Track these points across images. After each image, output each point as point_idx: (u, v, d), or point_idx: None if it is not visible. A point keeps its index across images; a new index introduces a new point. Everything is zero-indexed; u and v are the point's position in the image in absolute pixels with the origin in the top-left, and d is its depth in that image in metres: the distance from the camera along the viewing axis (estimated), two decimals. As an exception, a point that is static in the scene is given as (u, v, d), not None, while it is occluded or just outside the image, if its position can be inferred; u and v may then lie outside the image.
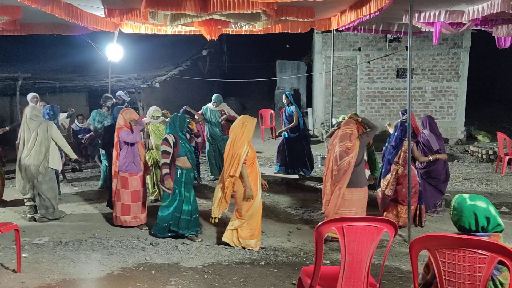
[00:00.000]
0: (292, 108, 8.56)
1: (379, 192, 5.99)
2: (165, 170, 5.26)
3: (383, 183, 5.93)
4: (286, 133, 8.71)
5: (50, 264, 4.66)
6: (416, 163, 6.08)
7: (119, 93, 9.20)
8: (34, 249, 5.10)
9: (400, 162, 5.78)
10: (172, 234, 5.49)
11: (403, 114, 6.27)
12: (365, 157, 5.48)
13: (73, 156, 6.58)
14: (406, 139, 5.57)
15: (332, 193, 5.20)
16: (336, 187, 5.18)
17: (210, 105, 8.37)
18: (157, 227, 5.51)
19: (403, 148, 5.77)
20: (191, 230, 5.48)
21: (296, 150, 8.63)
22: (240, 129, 5.07)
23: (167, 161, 5.26)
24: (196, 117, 8.14)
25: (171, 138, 5.33)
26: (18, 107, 11.77)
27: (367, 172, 5.56)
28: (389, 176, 5.84)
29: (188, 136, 5.72)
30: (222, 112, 8.30)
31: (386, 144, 6.31)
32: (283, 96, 8.77)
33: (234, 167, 4.97)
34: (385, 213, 5.92)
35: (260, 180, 5.23)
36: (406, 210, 5.72)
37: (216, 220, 5.25)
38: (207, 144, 8.52)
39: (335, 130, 5.73)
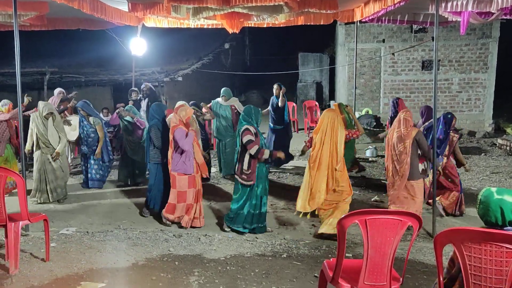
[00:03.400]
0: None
1: (427, 182, 6.14)
2: (255, 150, 5.12)
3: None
4: (271, 125, 8.77)
5: (78, 254, 4.79)
6: None
7: (144, 84, 9.34)
8: (62, 239, 5.25)
9: (447, 154, 6.04)
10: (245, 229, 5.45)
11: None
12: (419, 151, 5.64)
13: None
14: (451, 131, 5.94)
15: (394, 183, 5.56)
16: (398, 177, 5.51)
17: (219, 99, 8.07)
18: (227, 216, 5.57)
19: (449, 141, 5.99)
20: (257, 224, 5.44)
21: (280, 142, 8.53)
22: (332, 124, 5.25)
23: (256, 147, 5.13)
24: (204, 110, 7.79)
25: (252, 129, 5.26)
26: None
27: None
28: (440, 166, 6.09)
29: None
30: (232, 107, 8.00)
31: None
32: (276, 86, 8.55)
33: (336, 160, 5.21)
34: (439, 196, 6.10)
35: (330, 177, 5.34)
36: (453, 195, 6.06)
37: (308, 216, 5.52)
38: (217, 140, 8.23)
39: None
